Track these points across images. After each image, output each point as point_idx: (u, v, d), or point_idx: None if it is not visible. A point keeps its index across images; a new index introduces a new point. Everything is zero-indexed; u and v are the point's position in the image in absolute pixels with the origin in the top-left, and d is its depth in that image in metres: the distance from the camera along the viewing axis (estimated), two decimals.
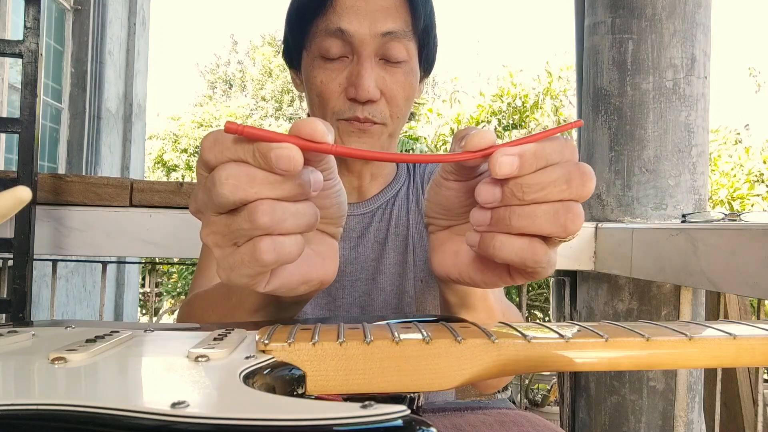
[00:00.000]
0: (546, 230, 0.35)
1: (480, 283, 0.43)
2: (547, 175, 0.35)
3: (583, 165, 0.36)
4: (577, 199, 0.36)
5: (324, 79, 0.68)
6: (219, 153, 0.33)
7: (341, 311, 0.72)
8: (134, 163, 5.17)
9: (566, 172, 0.35)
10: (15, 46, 1.20)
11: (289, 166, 0.32)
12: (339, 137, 0.69)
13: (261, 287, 0.38)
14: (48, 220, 1.26)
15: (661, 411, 1.39)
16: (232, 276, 0.36)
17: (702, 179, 1.43)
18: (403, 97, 0.69)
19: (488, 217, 0.36)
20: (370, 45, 0.66)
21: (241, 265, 0.35)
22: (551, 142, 0.36)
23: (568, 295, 1.63)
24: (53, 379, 0.28)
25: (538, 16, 38.75)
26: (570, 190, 0.35)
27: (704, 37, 1.43)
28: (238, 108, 14.02)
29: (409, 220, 0.76)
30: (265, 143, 0.32)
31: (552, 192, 0.35)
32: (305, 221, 0.35)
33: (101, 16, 4.51)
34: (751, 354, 0.34)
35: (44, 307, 3.34)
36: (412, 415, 0.23)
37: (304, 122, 0.33)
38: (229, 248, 0.36)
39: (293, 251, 0.35)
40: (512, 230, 0.35)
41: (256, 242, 0.34)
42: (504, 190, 0.35)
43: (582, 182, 0.35)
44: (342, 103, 0.68)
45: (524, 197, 0.35)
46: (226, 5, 39.32)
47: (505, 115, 6.70)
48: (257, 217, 0.33)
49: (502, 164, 0.34)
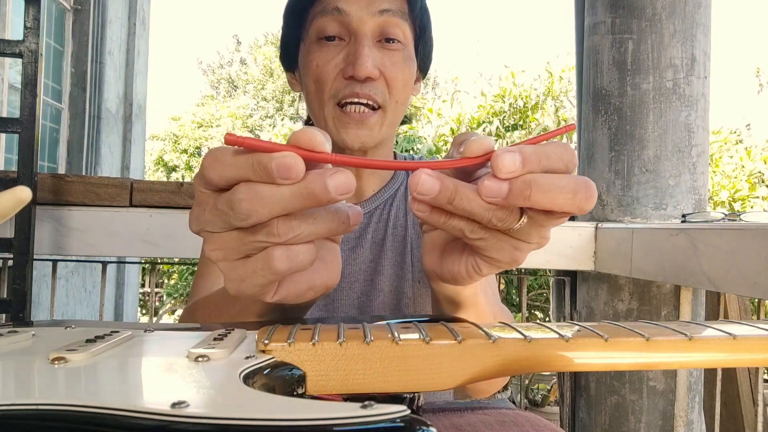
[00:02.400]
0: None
1: (458, 275, 0.43)
2: (556, 180, 0.35)
3: (589, 181, 0.36)
4: (578, 212, 0.36)
5: (320, 62, 0.67)
6: (221, 170, 0.33)
7: (339, 312, 0.72)
8: (134, 164, 5.17)
9: (574, 182, 0.35)
10: (15, 46, 1.20)
11: (290, 174, 0.32)
12: (335, 128, 0.68)
13: (269, 297, 0.38)
14: (48, 220, 1.26)
15: (661, 411, 1.39)
16: (242, 287, 0.37)
17: (702, 179, 1.43)
18: (401, 80, 0.69)
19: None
20: (367, 24, 0.66)
21: (253, 275, 0.36)
22: (550, 144, 0.36)
23: (568, 295, 1.63)
24: (53, 379, 0.28)
25: (538, 16, 38.77)
26: (574, 201, 0.35)
27: (704, 37, 1.43)
28: (239, 108, 14.02)
29: (407, 221, 0.76)
30: (265, 154, 0.32)
31: (557, 197, 0.35)
32: (318, 230, 0.35)
33: (101, 16, 4.51)
34: (751, 354, 0.34)
35: (44, 307, 3.34)
36: (412, 415, 0.23)
37: (302, 132, 0.33)
38: (237, 261, 0.36)
39: (306, 259, 0.36)
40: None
41: (270, 252, 0.34)
42: (511, 185, 0.34)
43: (586, 196, 0.35)
44: (339, 84, 0.67)
45: (531, 195, 0.34)
46: (226, 5, 39.35)
47: (507, 116, 6.69)
48: (274, 235, 0.34)
49: (504, 162, 0.34)
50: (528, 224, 0.37)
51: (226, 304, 0.52)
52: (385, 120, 0.69)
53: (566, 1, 1.87)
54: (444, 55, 26.55)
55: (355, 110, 0.67)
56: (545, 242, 0.40)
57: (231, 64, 16.80)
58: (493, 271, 0.41)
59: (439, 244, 0.44)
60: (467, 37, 34.25)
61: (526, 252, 0.39)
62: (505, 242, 0.38)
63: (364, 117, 0.67)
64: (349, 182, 0.33)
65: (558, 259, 1.42)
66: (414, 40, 0.72)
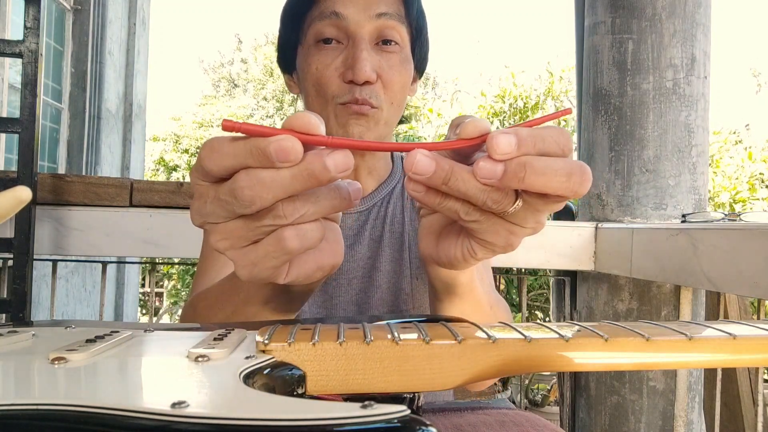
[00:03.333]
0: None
1: (453, 259, 0.43)
2: (551, 163, 0.34)
3: (584, 165, 0.36)
4: (572, 196, 0.36)
5: (319, 66, 0.68)
6: (219, 160, 0.34)
7: (338, 309, 0.72)
8: (134, 163, 5.17)
9: (569, 166, 0.35)
10: (15, 46, 1.20)
11: (289, 156, 0.32)
12: (337, 124, 0.69)
13: (281, 278, 0.39)
14: (48, 220, 1.26)
15: (661, 411, 1.39)
16: (255, 271, 0.37)
17: (702, 179, 1.43)
18: (398, 82, 0.70)
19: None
20: (365, 28, 0.67)
21: (265, 257, 0.36)
22: (546, 128, 0.36)
23: (568, 295, 1.63)
24: (53, 379, 0.28)
25: (539, 16, 38.77)
26: (568, 184, 0.35)
27: (704, 37, 1.43)
28: (239, 108, 14.02)
29: (405, 218, 0.76)
30: (262, 139, 0.32)
31: (551, 180, 0.34)
32: (322, 208, 0.36)
33: (101, 16, 4.51)
34: (751, 354, 0.34)
35: (44, 307, 3.34)
36: (412, 415, 0.23)
37: (296, 116, 0.33)
38: (246, 247, 0.36)
39: (315, 236, 0.36)
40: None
41: (280, 233, 0.35)
42: (506, 167, 0.34)
43: (581, 180, 0.35)
44: (339, 87, 0.68)
45: (525, 177, 0.34)
46: (226, 5, 39.36)
47: (506, 116, 6.70)
48: (281, 217, 0.34)
49: (499, 143, 0.34)
50: (523, 208, 0.37)
51: (229, 294, 0.52)
52: (381, 119, 0.70)
53: (566, 1, 1.87)
54: (444, 55, 26.57)
55: (355, 106, 0.68)
56: (540, 227, 0.40)
57: (232, 63, 16.80)
58: (488, 255, 0.41)
59: (436, 229, 0.44)
60: (467, 37, 34.29)
61: (520, 236, 0.39)
62: (500, 225, 0.38)
63: (364, 110, 0.68)
64: (348, 160, 0.33)
65: (558, 259, 1.42)
66: (411, 42, 0.72)
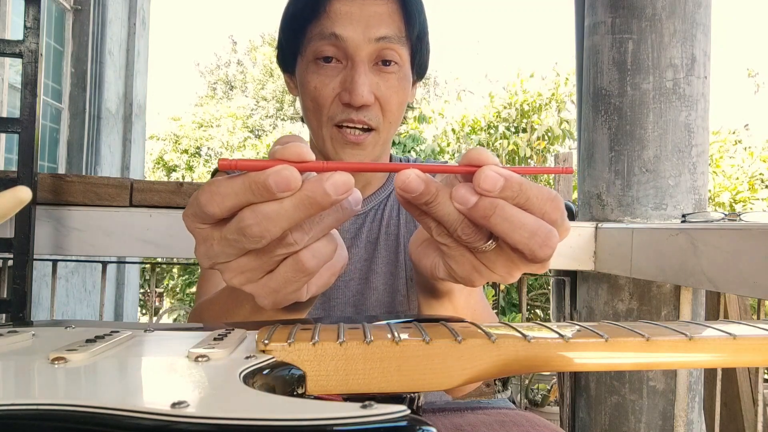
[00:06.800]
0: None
1: (425, 268, 0.44)
2: (521, 216, 0.35)
3: (553, 231, 0.36)
4: (529, 255, 0.36)
5: (318, 85, 0.68)
6: (220, 202, 0.34)
7: (335, 311, 0.73)
8: (134, 163, 5.17)
9: (537, 226, 0.35)
10: (15, 46, 1.20)
11: (289, 185, 0.32)
12: (333, 147, 0.70)
13: (305, 296, 0.40)
14: (48, 220, 1.26)
15: (661, 411, 1.39)
16: (278, 297, 0.38)
17: (702, 179, 1.43)
18: (396, 102, 0.70)
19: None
20: (364, 50, 0.67)
21: (286, 283, 0.37)
22: (539, 189, 0.36)
23: (568, 295, 1.63)
24: (53, 379, 0.28)
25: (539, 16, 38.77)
26: (528, 242, 0.35)
27: (704, 37, 1.43)
28: (239, 108, 14.01)
29: (400, 221, 0.77)
30: (260, 173, 0.32)
31: (515, 231, 0.35)
32: (328, 224, 0.37)
33: (101, 16, 4.51)
34: (751, 354, 0.34)
35: (44, 307, 3.35)
36: (412, 415, 0.23)
37: (285, 148, 0.34)
38: (263, 278, 0.37)
39: (329, 250, 0.37)
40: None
41: (296, 258, 0.36)
42: (479, 201, 0.35)
43: (542, 243, 0.35)
44: (336, 108, 0.68)
45: (492, 217, 0.35)
46: (226, 5, 39.34)
47: (510, 119, 6.72)
48: (292, 245, 0.35)
49: (486, 177, 0.34)
50: (495, 252, 0.38)
51: (234, 306, 0.51)
52: (378, 140, 0.71)
53: (566, 1, 1.87)
54: (445, 55, 26.55)
55: (350, 132, 0.69)
56: (511, 279, 0.40)
57: (228, 65, 16.78)
58: (449, 279, 0.42)
59: (425, 234, 0.45)
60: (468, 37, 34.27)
61: (485, 278, 0.40)
62: (466, 258, 0.39)
63: (360, 139, 0.69)
64: (347, 180, 0.33)
65: (558, 259, 1.42)
66: (410, 57, 0.72)
